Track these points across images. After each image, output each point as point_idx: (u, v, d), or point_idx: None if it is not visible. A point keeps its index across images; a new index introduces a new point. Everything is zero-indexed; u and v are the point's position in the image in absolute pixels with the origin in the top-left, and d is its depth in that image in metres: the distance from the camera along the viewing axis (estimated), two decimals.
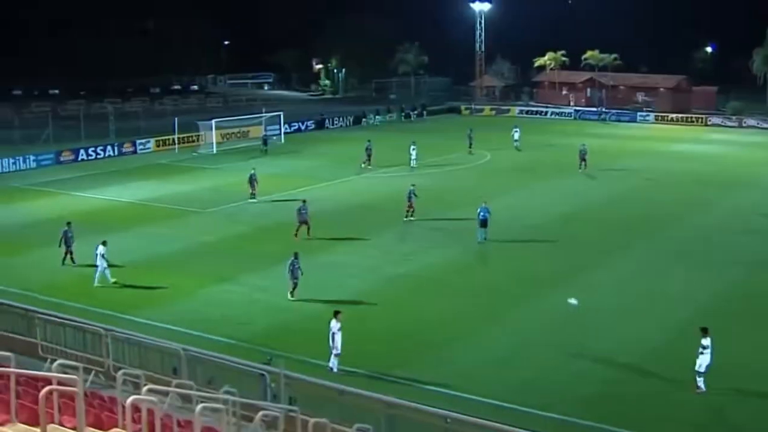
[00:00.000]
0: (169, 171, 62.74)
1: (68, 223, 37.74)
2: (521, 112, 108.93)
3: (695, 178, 59.64)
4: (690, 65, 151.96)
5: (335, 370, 25.73)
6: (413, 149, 62.44)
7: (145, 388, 14.95)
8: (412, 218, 44.39)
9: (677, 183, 57.79)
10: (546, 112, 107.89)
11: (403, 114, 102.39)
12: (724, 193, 53.81)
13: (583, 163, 60.98)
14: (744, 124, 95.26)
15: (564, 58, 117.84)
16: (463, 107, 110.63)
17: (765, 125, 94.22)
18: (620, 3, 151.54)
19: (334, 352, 25.82)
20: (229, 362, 20.36)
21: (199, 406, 13.78)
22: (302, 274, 32.53)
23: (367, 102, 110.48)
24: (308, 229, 41.29)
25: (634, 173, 61.03)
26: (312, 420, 16.54)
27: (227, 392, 17.13)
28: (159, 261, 38.04)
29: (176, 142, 73.37)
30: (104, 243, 34.91)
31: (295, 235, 40.92)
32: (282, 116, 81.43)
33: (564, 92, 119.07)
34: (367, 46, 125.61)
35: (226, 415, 14.72)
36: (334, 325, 25.82)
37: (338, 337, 25.74)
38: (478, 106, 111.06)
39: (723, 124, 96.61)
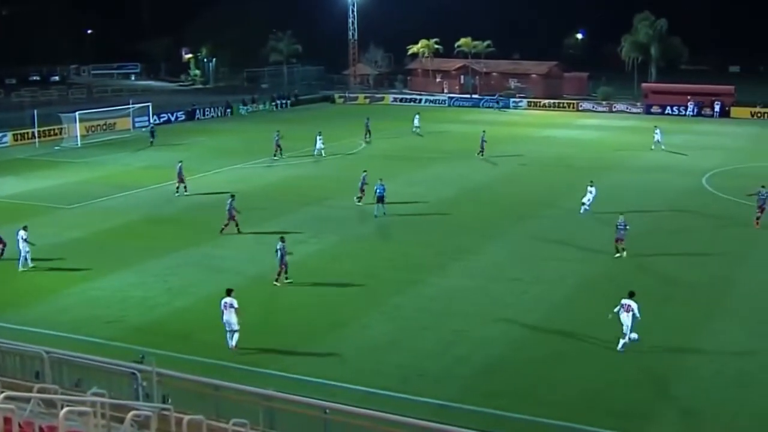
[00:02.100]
0: (30, 166, 60.33)
1: None
2: (395, 99, 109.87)
3: (567, 162, 61.50)
4: (561, 52, 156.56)
5: (231, 345, 26.55)
6: (319, 139, 62.38)
7: (0, 396, 14.25)
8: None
9: (550, 168, 59.45)
10: (420, 100, 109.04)
11: (275, 103, 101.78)
12: (595, 176, 55.44)
13: (481, 150, 62.43)
14: (614, 109, 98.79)
15: (437, 46, 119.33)
16: (336, 96, 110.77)
17: (634, 110, 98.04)
18: None
19: (230, 328, 26.45)
20: (97, 363, 19.69)
21: (64, 410, 13.28)
22: (291, 253, 33.15)
23: (239, 92, 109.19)
24: (236, 223, 40.46)
25: (508, 159, 62.37)
26: (186, 417, 16.19)
27: (95, 394, 16.57)
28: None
29: (36, 135, 70.62)
30: (25, 228, 35.45)
31: (222, 229, 40.36)
32: (151, 107, 79.60)
33: (438, 79, 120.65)
34: (239, 34, 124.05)
35: (93, 417, 14.25)
36: (228, 301, 26.35)
37: (233, 314, 26.28)
38: (352, 95, 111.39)
39: (594, 109, 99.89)
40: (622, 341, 26.38)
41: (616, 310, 26.76)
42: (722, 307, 30.75)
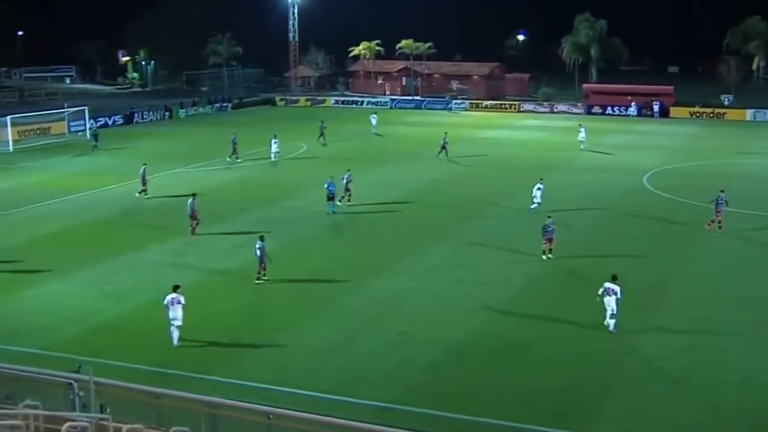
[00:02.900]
0: None
1: None
2: (337, 102, 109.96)
3: (510, 163, 62.11)
4: (503, 53, 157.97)
5: (175, 342, 26.88)
6: (274, 142, 61.93)
7: None
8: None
9: (493, 168, 59.95)
10: (362, 102, 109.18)
11: (214, 106, 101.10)
12: (537, 176, 56.11)
13: (443, 150, 62.99)
14: (555, 110, 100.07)
15: (379, 48, 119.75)
16: (277, 98, 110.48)
17: (575, 110, 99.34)
18: None
19: (175, 324, 26.78)
20: (31, 374, 19.32)
21: None
22: (270, 259, 33.30)
23: (178, 95, 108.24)
24: (196, 224, 40.46)
25: (451, 160, 62.70)
26: (125, 427, 16.04)
27: (28, 406, 16.27)
28: None
29: None
30: None
31: (192, 232, 40.39)
32: (87, 111, 78.39)
33: (379, 81, 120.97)
34: (177, 37, 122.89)
35: (26, 430, 13.99)
36: (175, 297, 26.83)
37: (179, 310, 26.72)
38: (293, 97, 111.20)
39: (535, 110, 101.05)
40: (612, 322, 27.80)
41: (600, 293, 28.09)
42: (663, 305, 31.25)
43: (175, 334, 27.04)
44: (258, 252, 33.33)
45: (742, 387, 24.25)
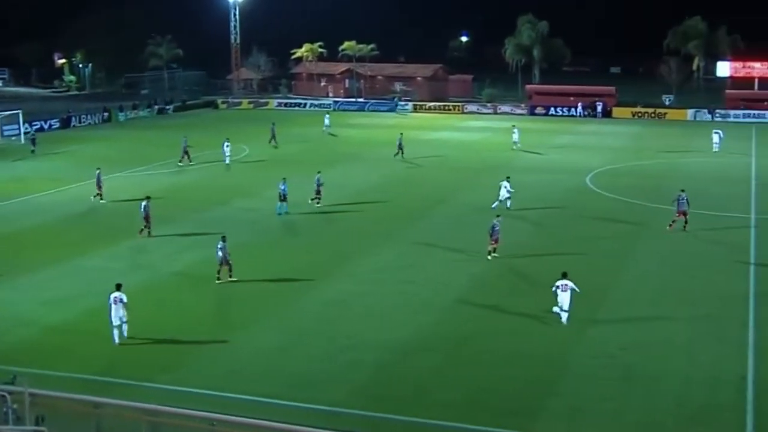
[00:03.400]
0: None
1: None
2: (279, 104, 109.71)
3: (454, 164, 62.49)
4: (446, 54, 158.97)
5: (116, 341, 27.13)
6: (227, 146, 61.69)
7: None
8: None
9: (437, 169, 60.23)
10: (305, 104, 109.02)
11: (155, 109, 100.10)
12: (480, 176, 56.68)
13: (400, 151, 63.84)
14: (499, 111, 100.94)
15: (321, 50, 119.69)
16: (219, 101, 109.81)
17: (518, 111, 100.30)
18: None
19: (118, 322, 27.16)
20: None
21: None
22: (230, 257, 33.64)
23: (117, 98, 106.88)
24: (146, 226, 40.53)
25: (395, 161, 62.88)
26: None
27: None
28: None
29: None
30: None
31: (149, 234, 40.48)
32: (21, 115, 76.99)
33: (322, 83, 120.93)
34: (116, 39, 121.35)
35: None
36: (117, 296, 27.24)
37: (122, 309, 27.09)
38: (235, 100, 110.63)
39: (479, 111, 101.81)
40: (565, 315, 28.89)
41: (553, 290, 29.05)
42: (607, 303, 31.67)
43: (116, 333, 27.18)
44: (219, 252, 33.54)
45: (683, 383, 24.67)
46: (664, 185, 53.92)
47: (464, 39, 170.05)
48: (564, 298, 28.92)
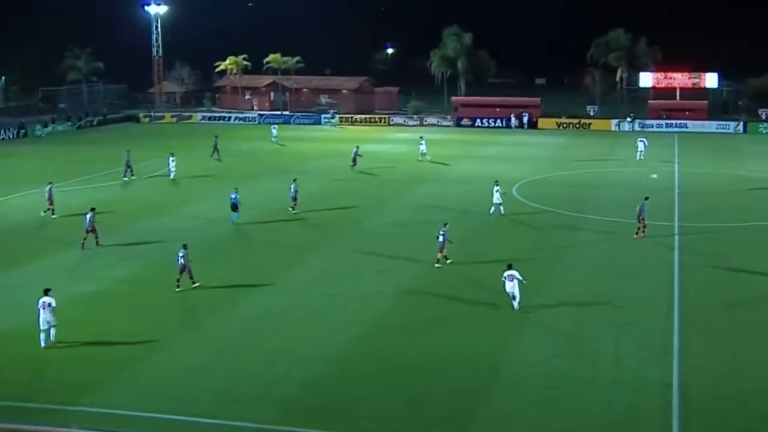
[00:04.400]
0: None
1: None
2: (204, 118, 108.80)
3: (380, 177, 62.67)
4: (372, 67, 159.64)
5: (42, 344, 27.76)
6: (172, 160, 61.23)
7: None
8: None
9: (364, 182, 60.36)
10: (230, 118, 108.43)
11: (76, 124, 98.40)
12: (407, 189, 57.07)
13: (354, 163, 65.56)
14: (425, 123, 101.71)
15: (246, 62, 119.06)
16: (142, 115, 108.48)
17: (444, 123, 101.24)
18: (301, 6, 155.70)
19: (46, 327, 27.85)
20: None
21: None
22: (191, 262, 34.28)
23: (34, 112, 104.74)
24: (85, 239, 40.70)
25: (321, 174, 62.88)
26: None
27: None
28: None
29: None
30: None
31: (96, 243, 40.85)
32: None
33: (247, 96, 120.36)
34: (32, 51, 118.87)
35: None
36: (47, 300, 27.92)
37: (50, 313, 27.81)
38: (158, 114, 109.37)
39: (405, 123, 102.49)
40: (515, 302, 31.48)
41: (503, 280, 31.52)
42: (536, 311, 32.03)
43: (43, 336, 27.73)
44: (181, 260, 34.04)
45: (610, 389, 25.11)
46: (589, 195, 55.06)
47: (390, 51, 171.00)
48: (511, 287, 31.54)
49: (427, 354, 27.75)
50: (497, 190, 47.99)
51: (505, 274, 31.85)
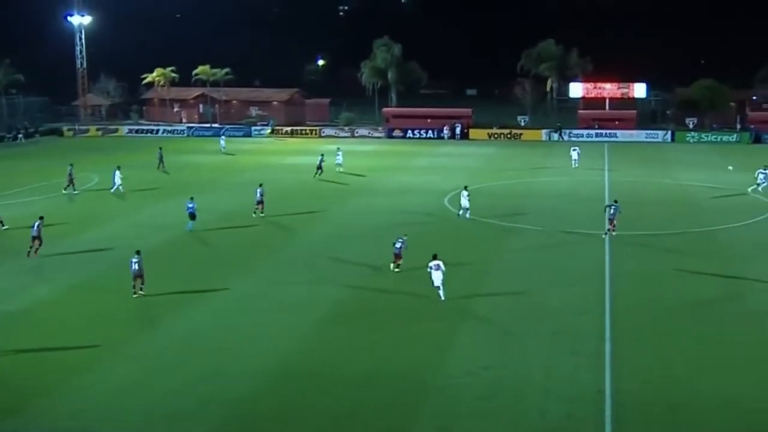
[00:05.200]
0: None
1: None
2: (131, 131, 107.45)
3: (313, 189, 62.45)
4: (302, 78, 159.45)
5: None
6: (118, 174, 60.63)
7: None
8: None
9: (296, 195, 60.05)
10: (158, 130, 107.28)
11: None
12: (339, 201, 57.06)
13: (318, 170, 66.86)
14: (356, 134, 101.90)
15: (174, 74, 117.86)
16: (65, 129, 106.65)
17: (376, 134, 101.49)
18: (230, 17, 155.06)
19: None
20: None
21: None
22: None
23: None
24: (35, 247, 41.51)
25: (253, 187, 62.36)
26: None
27: None
28: None
29: None
30: None
31: (35, 251, 41.42)
32: None
33: (176, 109, 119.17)
34: None
35: None
36: None
37: None
38: (82, 127, 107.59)
39: (336, 135, 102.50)
40: (441, 292, 33.61)
41: (429, 271, 33.62)
42: (468, 321, 32.23)
43: None
44: (135, 266, 34.72)
45: (544, 397, 25.33)
46: (520, 204, 55.63)
47: (321, 63, 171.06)
48: (437, 277, 33.57)
49: (357, 367, 27.66)
50: (466, 195, 50.47)
51: (431, 264, 33.75)
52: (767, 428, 23.79)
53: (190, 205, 48.27)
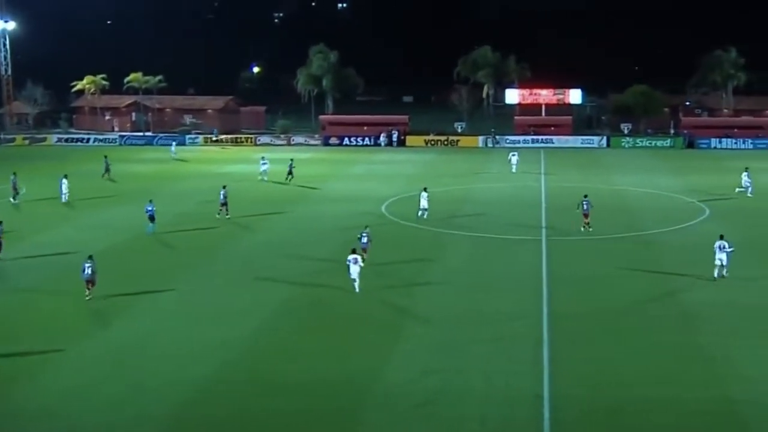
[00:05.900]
0: None
1: None
2: (60, 140, 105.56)
3: (253, 197, 61.90)
4: (237, 86, 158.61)
5: None
6: (64, 183, 59.79)
7: None
8: None
9: (234, 203, 59.38)
10: (88, 139, 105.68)
11: None
12: (285, 207, 56.85)
13: (290, 175, 68.04)
14: (293, 142, 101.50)
15: (105, 82, 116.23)
16: None
17: (313, 142, 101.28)
18: (163, 25, 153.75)
19: None
20: None
21: None
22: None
23: None
24: None
25: (188, 196, 61.86)
26: None
27: None
28: None
29: None
30: None
31: None
32: None
33: (107, 117, 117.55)
34: None
35: None
36: None
37: None
38: (8, 136, 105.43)
39: (272, 142, 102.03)
40: (356, 284, 35.83)
41: (347, 264, 35.75)
42: (404, 328, 32.25)
43: None
44: (88, 270, 35.19)
45: (483, 402, 25.41)
46: (458, 210, 55.92)
47: (256, 70, 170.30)
48: (354, 270, 35.72)
49: (297, 375, 27.49)
50: (425, 196, 52.49)
51: (349, 258, 35.99)
52: (706, 429, 24.16)
53: (150, 208, 48.85)
